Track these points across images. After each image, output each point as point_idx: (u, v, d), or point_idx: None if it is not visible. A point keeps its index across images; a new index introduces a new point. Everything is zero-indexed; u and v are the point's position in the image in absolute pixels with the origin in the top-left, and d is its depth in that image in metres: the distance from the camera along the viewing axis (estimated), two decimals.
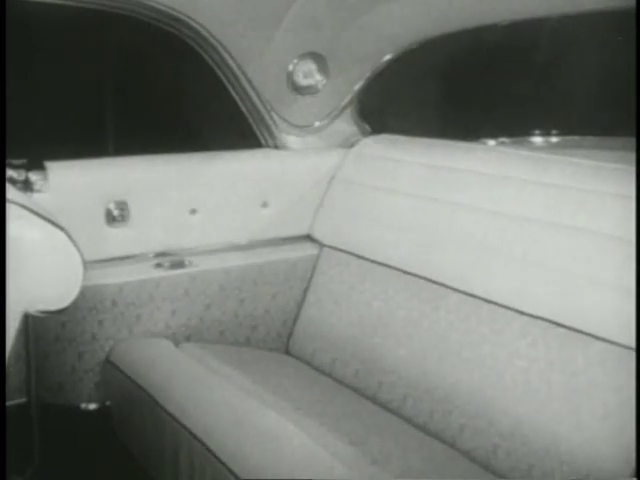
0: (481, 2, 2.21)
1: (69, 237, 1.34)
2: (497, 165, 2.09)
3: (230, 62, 2.31)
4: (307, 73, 2.43)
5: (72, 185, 2.14)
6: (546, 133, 2.66)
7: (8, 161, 1.96)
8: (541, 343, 1.79)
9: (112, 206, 2.18)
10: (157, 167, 2.30)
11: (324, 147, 2.57)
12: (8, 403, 1.97)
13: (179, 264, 2.25)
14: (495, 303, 1.91)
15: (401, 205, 2.23)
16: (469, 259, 1.99)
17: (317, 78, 2.46)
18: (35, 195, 2.03)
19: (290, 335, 2.42)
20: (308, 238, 2.50)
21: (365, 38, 2.37)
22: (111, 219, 2.18)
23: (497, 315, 1.90)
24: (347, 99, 2.56)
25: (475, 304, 1.95)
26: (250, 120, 2.50)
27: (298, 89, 2.46)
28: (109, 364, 2.11)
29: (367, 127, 2.64)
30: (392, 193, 2.28)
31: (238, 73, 2.35)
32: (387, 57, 2.48)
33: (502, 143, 2.65)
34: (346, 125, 2.60)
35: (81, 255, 1.36)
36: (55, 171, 2.07)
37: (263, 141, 2.54)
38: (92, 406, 2.16)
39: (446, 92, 2.92)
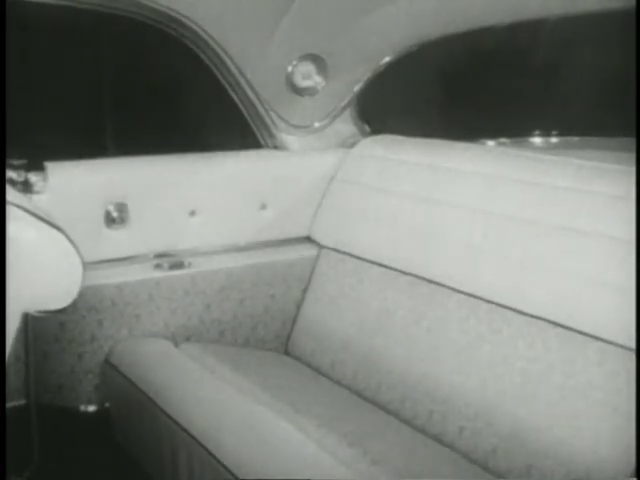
0: (480, 4, 2.21)
1: (68, 238, 1.34)
2: (497, 166, 2.09)
3: (229, 64, 2.32)
4: (306, 75, 2.44)
5: (71, 186, 2.14)
6: (546, 134, 2.66)
7: (8, 162, 1.96)
8: (540, 343, 1.79)
9: (111, 208, 2.18)
10: (156, 168, 2.30)
11: (323, 148, 2.57)
12: (7, 405, 1.97)
13: (178, 265, 2.25)
14: (494, 303, 1.91)
15: (400, 206, 2.23)
16: (468, 259, 1.99)
17: (316, 80, 2.46)
18: (34, 196, 2.03)
19: (289, 336, 2.42)
20: (307, 239, 2.50)
21: (364, 40, 2.37)
22: (110, 221, 2.18)
23: (496, 315, 1.90)
24: (346, 100, 2.56)
25: (474, 304, 1.95)
26: (249, 121, 2.50)
27: (297, 90, 2.46)
28: (108, 365, 2.11)
29: (366, 127, 2.64)
30: (391, 194, 2.27)
31: (237, 74, 2.35)
32: (386, 59, 2.48)
33: (502, 143, 2.65)
34: (345, 126, 2.60)
35: (80, 256, 1.36)
36: (55, 172, 2.07)
37: (262, 142, 2.54)
38: (91, 408, 2.16)
39: (445, 92, 2.92)
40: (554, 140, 2.67)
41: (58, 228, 1.34)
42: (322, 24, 2.29)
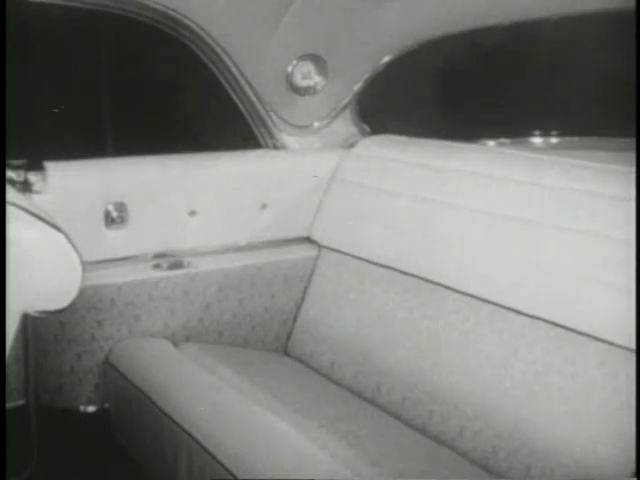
0: (480, 4, 2.21)
1: (67, 238, 1.34)
2: (497, 166, 2.09)
3: (229, 64, 2.32)
4: (306, 74, 2.44)
5: (71, 186, 2.14)
6: (546, 134, 2.66)
7: (8, 162, 1.96)
8: (540, 344, 1.79)
9: (111, 208, 2.18)
10: (156, 168, 2.30)
11: (323, 148, 2.57)
12: (7, 405, 1.97)
13: (178, 265, 2.25)
14: (494, 303, 1.90)
15: (400, 206, 2.23)
16: (468, 260, 1.99)
17: (316, 79, 2.46)
18: (34, 196, 2.03)
19: (289, 336, 2.42)
20: (307, 239, 2.50)
21: (364, 40, 2.37)
22: (110, 221, 2.18)
23: (496, 315, 1.89)
24: (346, 100, 2.56)
25: (474, 304, 1.95)
26: (249, 121, 2.50)
27: (297, 90, 2.46)
28: (108, 365, 2.11)
29: (366, 128, 2.64)
30: (391, 194, 2.27)
31: (237, 74, 2.35)
32: (386, 59, 2.48)
33: (502, 144, 2.65)
34: (345, 126, 2.60)
35: (79, 256, 1.36)
36: (54, 172, 2.07)
37: (262, 142, 2.54)
38: (91, 408, 2.16)
39: (446, 93, 2.92)
40: (554, 140, 2.67)
41: (57, 228, 1.34)
42: (322, 24, 2.29)
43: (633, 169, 1.67)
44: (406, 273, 2.14)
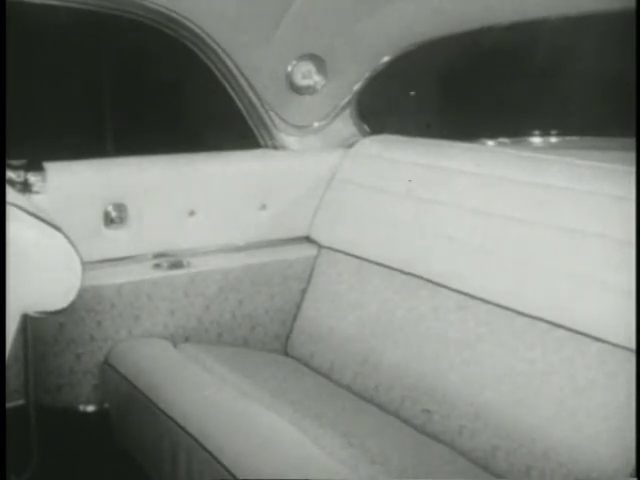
0: (480, 4, 2.21)
1: (67, 239, 1.35)
2: (496, 166, 2.09)
3: (229, 64, 2.32)
4: (306, 74, 2.44)
5: (70, 187, 2.14)
6: (545, 133, 2.66)
7: (7, 162, 1.96)
8: (539, 344, 1.79)
9: (110, 208, 2.18)
10: (156, 168, 2.30)
11: (323, 147, 2.57)
12: (7, 405, 1.97)
13: (177, 265, 2.25)
14: (494, 304, 1.90)
15: (399, 205, 2.23)
16: (468, 260, 1.99)
17: (316, 79, 2.46)
18: (34, 197, 2.03)
19: (288, 336, 2.42)
20: (307, 239, 2.50)
21: (364, 40, 2.37)
22: (109, 221, 2.19)
23: (495, 316, 1.90)
24: (346, 99, 2.56)
25: (474, 305, 1.95)
26: (249, 120, 2.50)
27: (297, 89, 2.46)
28: (107, 366, 2.11)
29: (366, 127, 2.64)
30: (391, 193, 2.28)
31: (237, 74, 2.35)
32: (386, 58, 2.48)
33: (501, 143, 2.65)
34: (345, 125, 2.60)
35: (79, 256, 1.36)
36: (54, 172, 2.07)
37: (262, 141, 2.54)
38: (90, 408, 2.16)
39: (445, 92, 2.92)
40: (553, 140, 2.67)
41: (57, 228, 1.34)
42: (322, 24, 2.29)
43: (633, 169, 1.68)
44: (406, 273, 2.14)
